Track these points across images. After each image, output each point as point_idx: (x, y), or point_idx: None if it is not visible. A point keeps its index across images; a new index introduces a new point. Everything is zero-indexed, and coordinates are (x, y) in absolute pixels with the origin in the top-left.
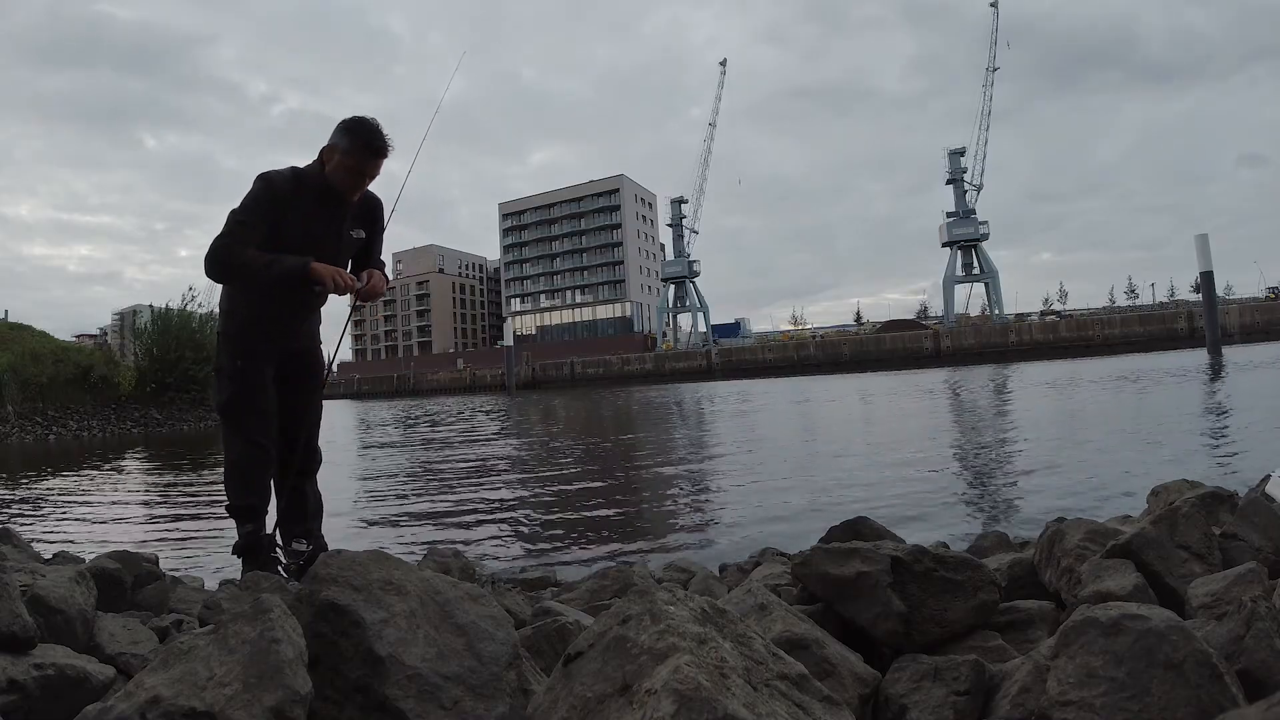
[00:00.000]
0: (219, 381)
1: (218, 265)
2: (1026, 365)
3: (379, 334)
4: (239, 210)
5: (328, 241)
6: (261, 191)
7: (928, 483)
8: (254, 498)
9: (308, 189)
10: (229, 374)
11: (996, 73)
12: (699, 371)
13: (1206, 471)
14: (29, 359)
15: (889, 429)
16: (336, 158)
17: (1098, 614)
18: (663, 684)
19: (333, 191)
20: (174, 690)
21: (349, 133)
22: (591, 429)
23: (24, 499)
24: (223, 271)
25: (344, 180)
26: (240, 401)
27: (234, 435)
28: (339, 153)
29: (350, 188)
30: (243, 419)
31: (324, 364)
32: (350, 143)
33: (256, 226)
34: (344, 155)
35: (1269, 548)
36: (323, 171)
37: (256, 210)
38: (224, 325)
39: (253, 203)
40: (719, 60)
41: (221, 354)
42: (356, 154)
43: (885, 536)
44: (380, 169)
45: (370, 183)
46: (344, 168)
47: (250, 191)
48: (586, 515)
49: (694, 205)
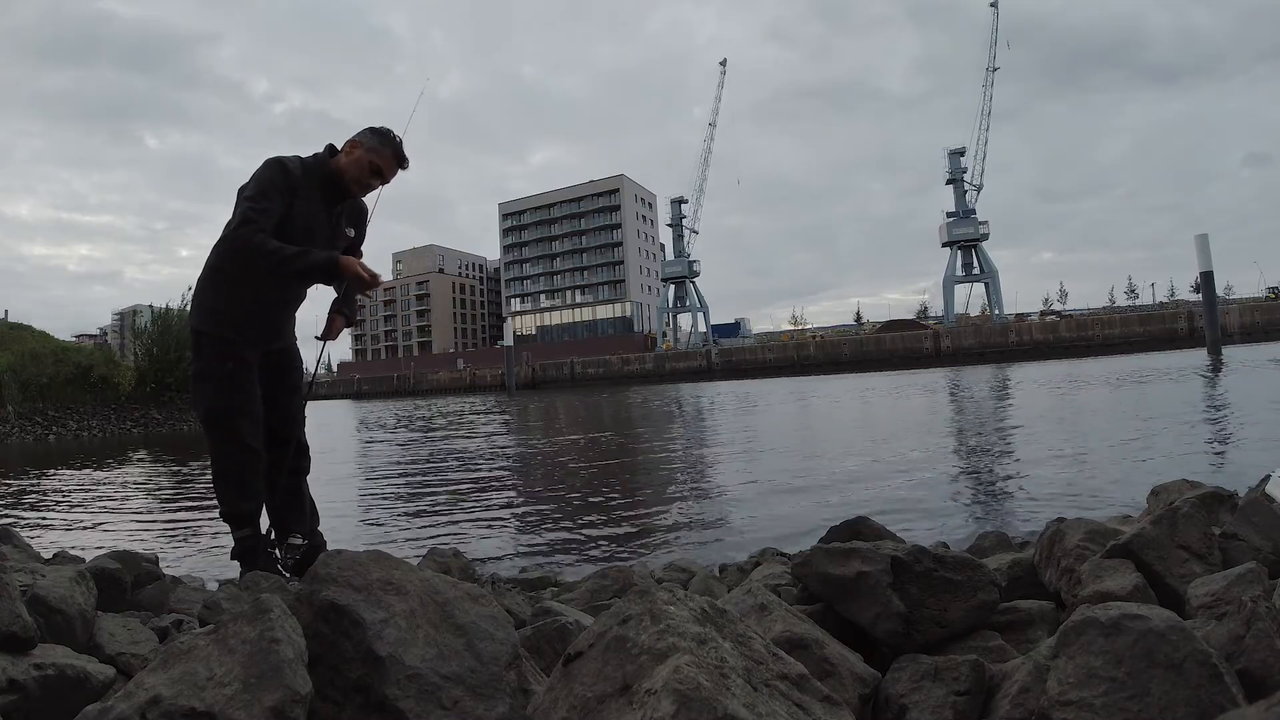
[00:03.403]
0: (202, 386)
1: (246, 252)
2: (1026, 365)
3: (379, 334)
4: (255, 194)
5: (325, 234)
6: (276, 174)
7: (928, 483)
8: (249, 503)
9: (313, 179)
10: (217, 377)
11: (997, 73)
12: (699, 371)
13: (1206, 471)
14: (29, 359)
15: (889, 429)
16: (360, 152)
17: (1098, 614)
18: (663, 684)
19: (337, 185)
20: (174, 690)
21: (381, 136)
22: (591, 429)
23: (24, 499)
24: (250, 259)
25: (360, 175)
26: (232, 406)
27: (225, 441)
28: (364, 148)
29: (363, 184)
30: (236, 423)
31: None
32: (381, 143)
33: (274, 212)
34: (370, 152)
35: (1269, 548)
36: (328, 163)
37: (273, 194)
38: (205, 324)
39: (269, 187)
40: (719, 60)
41: (206, 356)
42: (384, 157)
43: (885, 536)
44: (393, 179)
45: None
46: (366, 164)
47: (263, 174)
48: (587, 515)
49: (694, 205)
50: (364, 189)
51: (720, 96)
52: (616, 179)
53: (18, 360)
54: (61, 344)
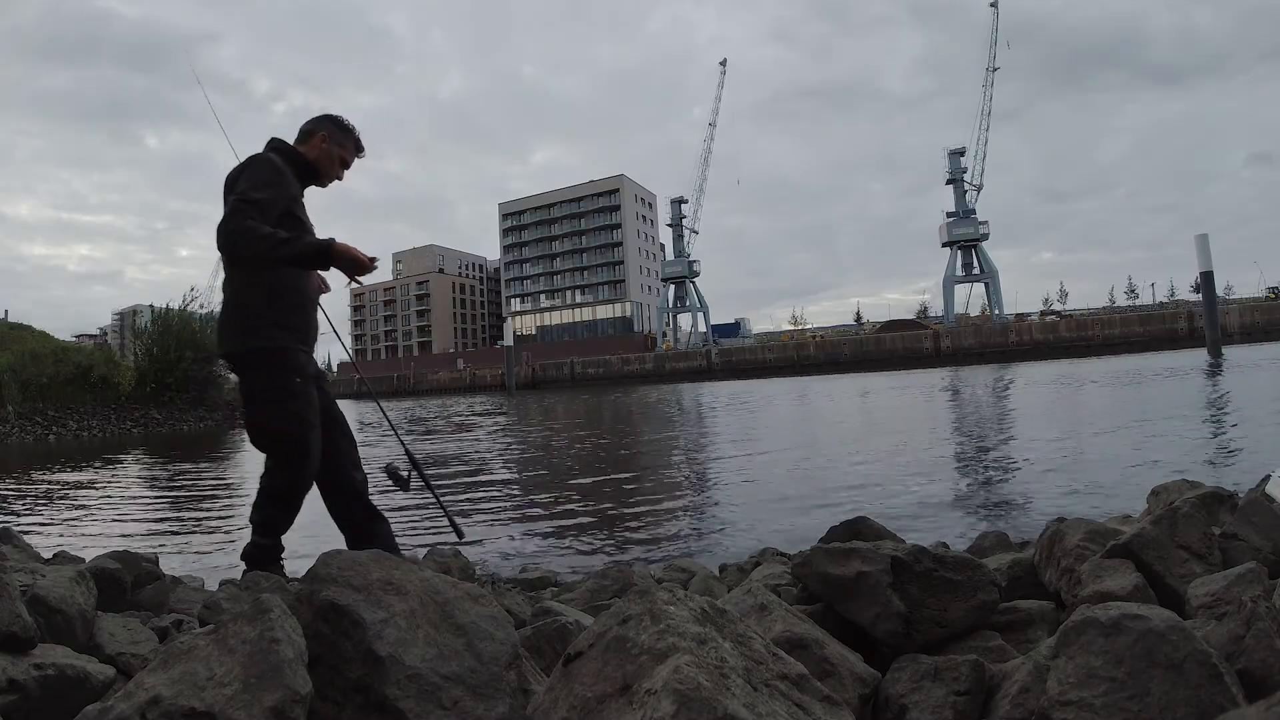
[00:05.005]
0: (272, 405)
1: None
2: (1026, 365)
3: (379, 334)
4: (253, 187)
5: (305, 223)
6: (269, 168)
7: (928, 483)
8: (290, 519)
9: (292, 171)
10: (291, 394)
11: (997, 73)
12: (699, 371)
13: (1206, 471)
14: (29, 359)
15: (889, 429)
16: (327, 145)
17: (1098, 614)
18: (663, 684)
19: (310, 173)
20: (174, 690)
21: (339, 126)
22: (591, 429)
23: (24, 499)
24: (249, 248)
25: (330, 168)
26: (306, 423)
27: (295, 461)
28: (330, 141)
29: (332, 174)
30: (307, 442)
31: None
32: (344, 135)
33: (270, 205)
34: (338, 146)
35: (1269, 548)
36: (301, 154)
37: (269, 187)
38: (260, 339)
39: (264, 181)
40: (719, 60)
41: (274, 373)
42: (347, 149)
43: (885, 536)
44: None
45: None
46: (336, 158)
47: (256, 169)
48: (587, 515)
49: (694, 205)
50: (330, 180)
51: (720, 96)
52: (616, 179)
53: (18, 360)
54: (61, 344)
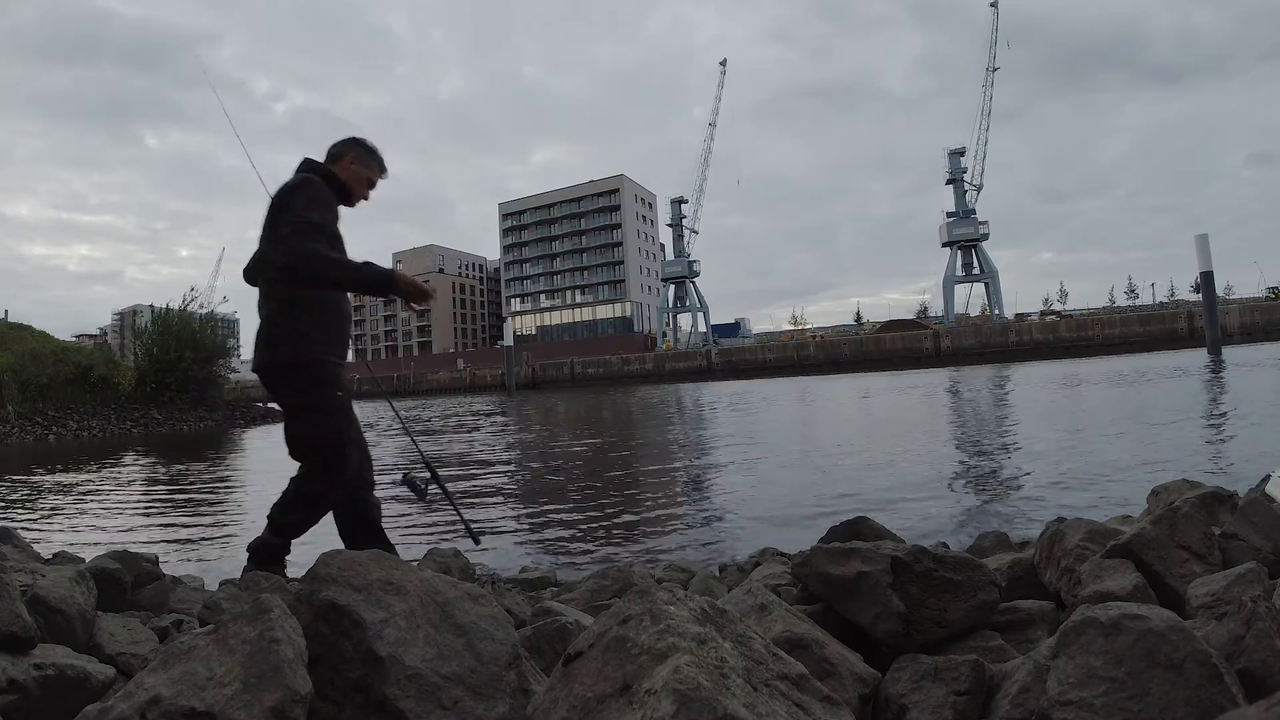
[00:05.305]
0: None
1: (312, 265)
2: (1026, 365)
3: (379, 334)
4: (307, 209)
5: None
6: (323, 191)
7: (928, 483)
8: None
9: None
10: (333, 408)
11: (997, 73)
12: (699, 372)
13: (1206, 471)
14: (29, 359)
15: (889, 429)
16: (356, 167)
17: (1098, 614)
18: (663, 684)
19: (342, 194)
20: (174, 690)
21: (365, 148)
22: (591, 429)
23: (24, 499)
24: (317, 271)
25: (358, 187)
26: (347, 436)
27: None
28: (357, 162)
29: (360, 195)
30: (348, 454)
31: None
32: (370, 157)
33: (327, 226)
34: (364, 167)
35: (1269, 548)
36: (336, 175)
37: (326, 209)
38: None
39: (322, 203)
40: (719, 60)
41: (318, 386)
42: (373, 170)
43: (885, 536)
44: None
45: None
46: (364, 180)
47: (312, 191)
48: (586, 515)
49: (694, 205)
50: (358, 200)
51: (720, 96)
52: (616, 179)
53: (18, 360)
54: (61, 344)
